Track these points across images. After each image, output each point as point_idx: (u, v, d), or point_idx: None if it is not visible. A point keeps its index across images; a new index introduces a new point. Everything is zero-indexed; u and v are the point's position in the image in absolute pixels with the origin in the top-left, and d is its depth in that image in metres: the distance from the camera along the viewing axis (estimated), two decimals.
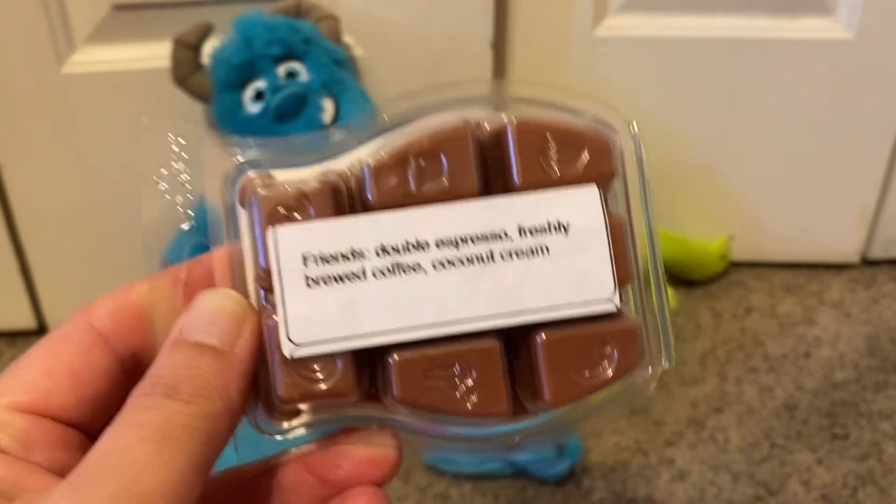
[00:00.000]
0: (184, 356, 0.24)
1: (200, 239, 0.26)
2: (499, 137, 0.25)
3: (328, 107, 0.66)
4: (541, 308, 0.25)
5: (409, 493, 0.66)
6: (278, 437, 0.26)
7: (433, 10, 0.72)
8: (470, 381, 0.25)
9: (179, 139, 0.26)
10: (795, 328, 0.80)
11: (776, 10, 0.76)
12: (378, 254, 0.25)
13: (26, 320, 0.80)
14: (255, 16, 0.67)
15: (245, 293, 0.26)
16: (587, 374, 0.25)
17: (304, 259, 0.24)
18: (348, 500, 0.26)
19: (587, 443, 0.69)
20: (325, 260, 0.24)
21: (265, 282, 0.25)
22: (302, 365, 0.24)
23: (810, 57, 0.76)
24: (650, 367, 0.26)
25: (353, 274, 0.25)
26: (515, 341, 0.26)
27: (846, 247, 0.86)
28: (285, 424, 0.26)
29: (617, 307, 0.25)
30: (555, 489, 0.66)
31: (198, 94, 0.68)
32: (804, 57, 0.76)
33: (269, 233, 0.24)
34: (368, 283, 0.25)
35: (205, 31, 0.67)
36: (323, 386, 0.25)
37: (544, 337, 0.25)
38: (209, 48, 0.68)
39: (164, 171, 0.26)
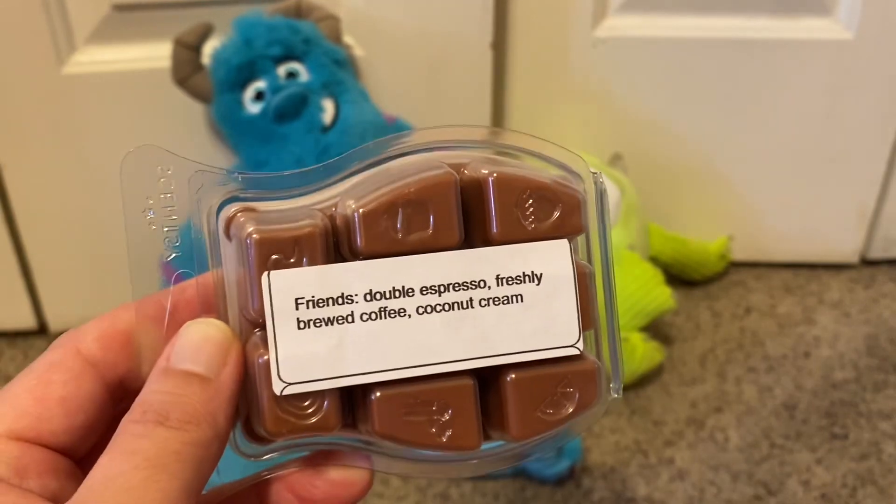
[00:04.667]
0: (172, 384, 0.25)
1: (184, 267, 0.27)
2: (479, 186, 0.27)
3: (328, 107, 0.66)
4: (512, 351, 0.27)
5: (409, 492, 0.66)
6: (258, 459, 0.27)
7: (433, 10, 0.72)
8: (446, 417, 0.27)
9: (167, 169, 0.27)
10: (795, 328, 0.80)
11: (776, 10, 0.76)
12: (366, 299, 0.26)
13: (26, 320, 0.80)
14: (255, 16, 0.67)
15: (228, 321, 0.27)
16: (550, 411, 0.28)
17: (297, 303, 0.26)
18: None
19: (587, 442, 0.69)
20: (316, 304, 0.26)
21: (256, 321, 0.26)
22: (290, 402, 0.26)
23: (810, 57, 0.76)
24: (605, 403, 0.29)
25: (342, 317, 0.26)
26: (487, 379, 0.28)
27: (846, 247, 0.86)
28: (264, 447, 0.27)
29: (580, 351, 0.28)
30: (554, 489, 0.66)
31: (198, 95, 0.68)
32: (804, 57, 0.77)
33: (264, 277, 0.26)
34: (356, 326, 0.26)
35: (205, 32, 0.67)
36: (310, 421, 0.26)
37: (513, 377, 0.27)
38: (209, 48, 0.68)
39: (150, 200, 0.27)
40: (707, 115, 0.80)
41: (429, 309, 0.27)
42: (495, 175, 0.27)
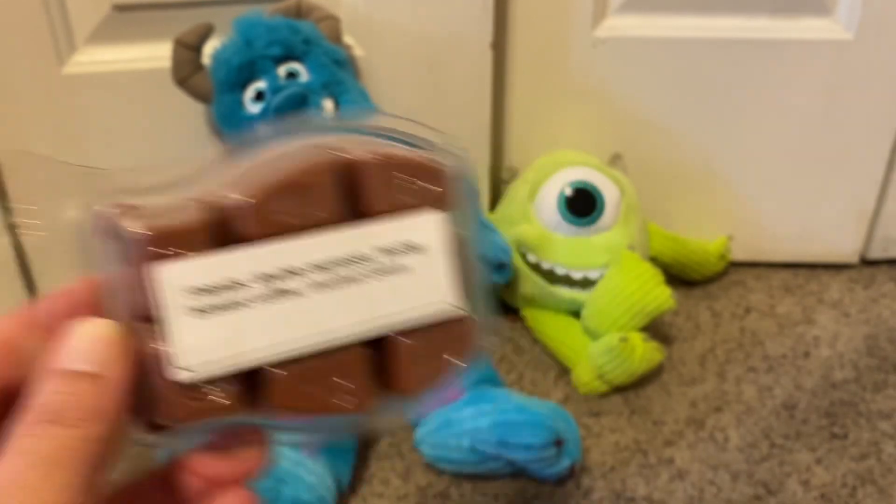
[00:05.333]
0: (63, 384, 0.26)
1: (70, 269, 0.28)
2: (357, 166, 0.28)
3: (328, 107, 0.66)
4: (399, 318, 0.29)
5: (409, 492, 0.66)
6: (157, 447, 0.28)
7: (433, 10, 0.72)
8: (343, 385, 0.28)
9: (46, 173, 0.28)
10: (794, 328, 0.80)
11: (776, 10, 0.76)
12: (257, 282, 0.27)
13: None
14: (255, 16, 0.67)
15: (115, 318, 0.27)
16: (437, 367, 0.30)
17: (187, 292, 0.26)
18: (218, 500, 0.29)
19: (587, 442, 0.69)
20: (206, 291, 0.27)
21: (146, 315, 0.27)
22: (190, 389, 0.26)
23: (810, 57, 0.77)
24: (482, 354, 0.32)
25: (236, 302, 0.27)
26: (378, 344, 0.29)
27: (845, 247, 0.86)
28: (164, 436, 0.28)
29: (459, 310, 0.30)
30: (554, 488, 0.66)
31: (198, 95, 0.68)
32: (804, 57, 0.77)
33: (149, 269, 0.26)
34: (251, 309, 0.27)
35: (205, 32, 0.67)
36: (211, 405, 0.27)
37: (402, 340, 0.29)
38: (210, 49, 0.68)
39: (33, 206, 0.28)
40: (707, 115, 0.80)
41: (319, 286, 0.28)
42: (371, 154, 0.28)
